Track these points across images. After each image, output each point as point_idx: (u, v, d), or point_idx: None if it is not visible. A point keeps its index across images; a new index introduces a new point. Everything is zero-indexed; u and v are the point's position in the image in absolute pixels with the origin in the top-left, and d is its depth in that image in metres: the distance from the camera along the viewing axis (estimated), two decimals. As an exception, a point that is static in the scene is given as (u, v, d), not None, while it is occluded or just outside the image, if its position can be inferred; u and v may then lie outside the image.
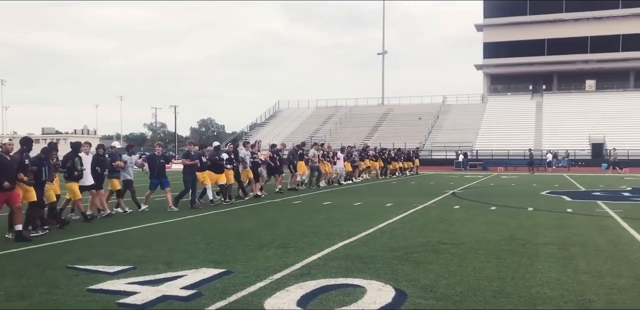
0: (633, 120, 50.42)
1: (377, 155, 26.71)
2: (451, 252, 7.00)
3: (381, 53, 68.13)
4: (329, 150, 20.64)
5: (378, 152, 27.53)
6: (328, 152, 20.52)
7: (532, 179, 26.54)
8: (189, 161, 12.38)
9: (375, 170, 26.52)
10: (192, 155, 12.56)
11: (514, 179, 26.65)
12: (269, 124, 64.79)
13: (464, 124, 56.27)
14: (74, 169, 9.87)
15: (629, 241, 7.84)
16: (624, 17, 57.03)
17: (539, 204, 13.49)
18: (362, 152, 25.34)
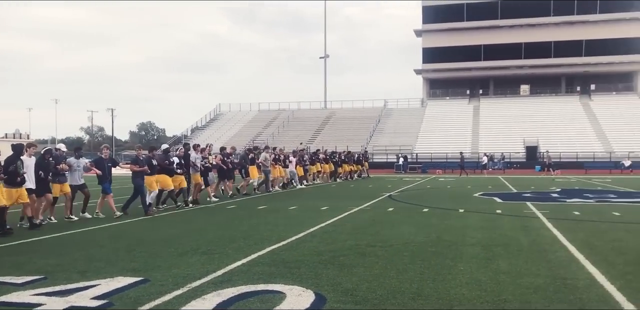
0: (564, 123, 52.63)
1: (327, 159, 26.62)
2: (378, 254, 6.98)
3: (323, 57, 68.45)
4: (280, 154, 20.51)
5: (329, 156, 27.41)
6: (279, 155, 20.38)
7: (467, 181, 27.17)
8: (137, 167, 11.87)
9: (326, 174, 26.37)
10: (141, 161, 12.07)
11: (450, 182, 27.21)
12: (209, 127, 63.94)
13: (404, 128, 57.27)
14: (17, 174, 9.29)
15: (550, 241, 8.04)
16: (556, 24, 59.50)
17: (470, 205, 13.76)
18: (312, 156, 25.15)
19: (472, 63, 61.73)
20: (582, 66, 59.66)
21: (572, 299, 4.84)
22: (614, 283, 5.40)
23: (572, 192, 18.46)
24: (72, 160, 11.20)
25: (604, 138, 49.40)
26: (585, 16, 58.54)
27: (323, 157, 25.97)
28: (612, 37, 57.85)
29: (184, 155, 13.81)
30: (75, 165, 11.19)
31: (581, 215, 11.47)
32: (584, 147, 47.18)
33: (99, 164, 11.60)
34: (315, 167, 24.54)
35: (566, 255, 6.90)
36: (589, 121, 53.15)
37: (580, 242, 7.94)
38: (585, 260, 6.55)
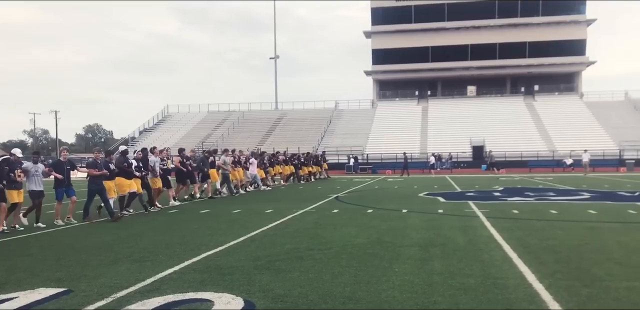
0: (509, 123, 54.00)
1: (287, 161, 26.37)
2: (315, 258, 6.91)
3: (273, 57, 68.17)
4: (239, 156, 20.16)
5: (288, 157, 27.14)
6: (239, 157, 20.03)
7: (414, 181, 27.49)
8: (96, 171, 11.39)
9: (285, 176, 26.10)
10: (99, 164, 11.59)
11: (398, 182, 27.47)
12: (157, 129, 62.68)
13: (355, 129, 57.58)
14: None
15: (486, 241, 8.15)
16: (500, 26, 61.00)
17: (414, 205, 13.88)
18: (271, 158, 24.85)
19: (420, 64, 62.63)
20: (525, 67, 61.39)
21: (500, 298, 4.89)
22: (543, 282, 5.49)
23: (514, 190, 18.90)
24: (30, 165, 10.67)
25: (547, 137, 50.93)
26: (529, 19, 60.26)
27: (282, 159, 25.70)
28: (554, 39, 59.72)
29: (142, 158, 13.40)
30: (33, 171, 10.66)
31: (520, 213, 11.72)
32: (528, 146, 48.51)
33: (58, 167, 11.09)
34: (274, 169, 24.23)
35: (500, 255, 6.99)
36: (533, 121, 54.71)
37: (515, 241, 8.09)
38: (517, 260, 6.66)
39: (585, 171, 33.74)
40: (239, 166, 19.63)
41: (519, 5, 60.38)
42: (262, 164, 22.60)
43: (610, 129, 51.29)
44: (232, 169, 18.73)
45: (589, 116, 54.64)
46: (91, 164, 11.57)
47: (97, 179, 11.47)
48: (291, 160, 26.89)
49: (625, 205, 13.10)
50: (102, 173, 11.52)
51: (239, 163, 19.69)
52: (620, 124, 52.79)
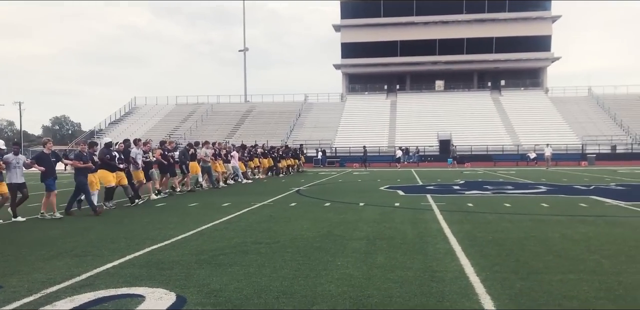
0: (476, 117, 54.70)
1: (266, 154, 26.14)
2: (260, 252, 6.86)
3: (243, 50, 67.61)
4: (220, 148, 19.95)
5: (267, 150, 26.92)
6: (220, 150, 19.82)
7: (378, 175, 27.63)
8: (81, 163, 11.09)
9: (264, 169, 25.79)
10: (85, 156, 11.28)
11: (363, 175, 27.55)
12: (124, 122, 61.74)
13: (324, 122, 57.61)
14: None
15: (435, 233, 8.21)
16: (468, 22, 61.61)
17: (372, 199, 13.93)
18: (250, 150, 24.51)
19: (389, 59, 62.91)
20: (492, 62, 62.14)
21: (434, 291, 4.91)
22: (480, 275, 5.54)
23: (473, 184, 19.12)
24: (10, 156, 10.30)
25: (513, 132, 51.73)
26: (495, 14, 60.97)
27: (261, 152, 25.46)
28: (520, 35, 60.60)
29: (124, 150, 13.09)
30: (15, 162, 10.30)
31: (474, 207, 11.86)
32: (494, 140, 49.23)
33: (43, 159, 10.73)
34: (253, 162, 24.00)
35: (445, 248, 7.04)
36: (499, 115, 55.50)
37: (464, 234, 8.16)
38: (461, 252, 6.72)
39: (547, 165, 34.38)
40: (219, 159, 19.42)
41: (486, 1, 60.99)
42: (244, 157, 22.39)
43: (573, 124, 52.37)
44: (212, 161, 18.53)
45: (554, 111, 55.66)
46: (77, 156, 11.29)
47: (82, 172, 11.22)
48: (270, 153, 26.70)
49: (577, 199, 13.35)
50: (87, 165, 11.25)
51: (219, 155, 19.49)
52: (583, 119, 53.95)
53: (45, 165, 10.63)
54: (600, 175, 24.22)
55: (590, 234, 8.04)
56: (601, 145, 47.68)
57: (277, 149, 28.47)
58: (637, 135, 48.94)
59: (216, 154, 19.15)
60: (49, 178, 10.68)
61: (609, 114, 54.70)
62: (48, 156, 10.82)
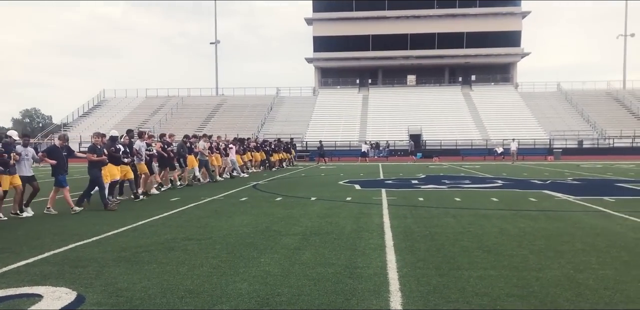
0: (446, 112, 55.03)
1: (258, 147, 25.74)
2: (187, 249, 6.67)
3: (214, 42, 66.92)
4: (218, 142, 19.55)
5: (260, 144, 26.55)
6: (218, 143, 19.42)
7: (344, 169, 27.54)
8: (94, 156, 10.75)
9: (257, 162, 25.37)
10: (99, 149, 10.95)
11: (328, 170, 27.41)
12: (92, 114, 60.73)
13: (296, 116, 57.40)
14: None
15: (374, 228, 8.10)
16: (439, 16, 61.81)
17: (326, 193, 13.80)
18: (243, 144, 23.81)
19: (361, 53, 62.87)
20: (463, 57, 62.50)
21: (347, 289, 4.79)
22: (401, 271, 5.45)
23: (433, 178, 19.12)
24: (20, 148, 9.88)
25: (482, 126, 52.14)
26: (466, 9, 61.30)
27: (254, 146, 25.05)
28: (490, 30, 61.02)
29: (128, 143, 12.64)
30: (24, 154, 9.90)
31: (424, 201, 11.80)
32: (463, 135, 49.57)
33: (54, 153, 10.32)
34: (246, 156, 23.58)
35: (377, 243, 6.93)
36: (469, 110, 55.89)
37: (402, 228, 8.08)
38: (391, 248, 6.62)
39: (513, 159, 34.67)
40: (217, 152, 19.07)
41: (457, -4, 61.36)
42: (242, 150, 22.12)
43: (542, 119, 52.99)
44: (209, 155, 18.17)
45: (523, 106, 56.25)
46: (91, 148, 10.93)
47: (97, 165, 10.90)
48: (262, 147, 26.34)
49: (530, 193, 13.40)
50: (101, 159, 10.97)
51: (217, 149, 19.13)
52: (552, 114, 54.63)
53: (56, 159, 10.29)
54: (562, 170, 24.48)
55: (527, 229, 8.01)
56: (568, 140, 48.35)
57: (269, 143, 28.15)
58: (604, 131, 49.72)
59: (213, 147, 18.80)
60: (60, 173, 10.36)
61: (576, 110, 55.50)
62: (60, 150, 10.47)
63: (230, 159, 20.54)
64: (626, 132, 48.77)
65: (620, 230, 7.85)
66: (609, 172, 22.16)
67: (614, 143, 47.86)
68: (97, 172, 10.90)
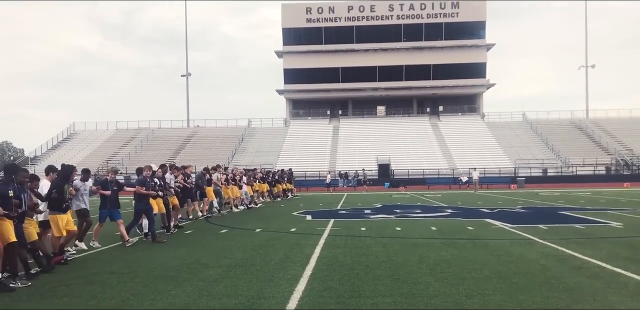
0: (415, 142, 55.90)
1: (264, 178, 25.65)
2: (106, 282, 6.86)
3: (185, 75, 67.47)
4: (235, 173, 19.62)
5: (264, 175, 26.50)
6: (235, 174, 19.50)
7: (307, 199, 27.74)
8: (143, 189, 10.88)
9: (261, 193, 25.04)
10: (148, 182, 11.07)
11: (289, 200, 27.55)
12: (62, 147, 60.28)
13: (267, 147, 57.70)
14: (62, 200, 8.40)
15: (300, 259, 8.33)
16: (407, 49, 63.35)
17: (274, 224, 13.99)
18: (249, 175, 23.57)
19: (331, 85, 63.88)
20: (430, 89, 63.85)
21: (240, 318, 5.01)
22: (302, 300, 5.74)
23: (387, 208, 19.41)
24: (78, 183, 9.87)
25: (449, 156, 52.96)
26: (432, 42, 62.93)
27: (260, 176, 24.93)
28: (456, 62, 62.59)
29: (162, 176, 12.62)
30: (82, 189, 9.90)
31: (365, 231, 12.09)
32: (431, 164, 50.27)
33: (105, 187, 10.53)
34: (254, 186, 23.35)
35: (295, 273, 7.17)
36: (437, 140, 56.82)
37: (328, 258, 8.34)
38: (306, 278, 6.88)
39: (475, 188, 35.30)
40: (233, 183, 19.07)
41: (423, 29, 63.01)
42: (252, 181, 22.14)
43: (507, 148, 54.07)
44: (224, 186, 18.10)
45: (489, 136, 57.40)
46: (140, 181, 11.07)
47: (145, 198, 11.02)
48: (266, 178, 26.22)
49: (470, 222, 13.79)
50: (149, 192, 11.11)
51: (233, 180, 19.13)
52: (517, 143, 55.81)
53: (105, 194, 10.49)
54: (518, 198, 25.05)
55: (447, 257, 8.33)
56: (533, 168, 49.32)
57: (273, 173, 28.09)
58: (567, 159, 50.89)
59: (229, 178, 18.79)
60: (105, 208, 10.51)
61: (541, 139, 56.78)
62: (109, 184, 10.66)
63: (244, 191, 20.51)
64: (588, 160, 49.97)
65: (534, 258, 8.21)
66: (561, 200, 22.77)
67: (576, 171, 48.96)
68: (143, 205, 11.05)
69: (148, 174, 11.34)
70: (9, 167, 7.34)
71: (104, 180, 10.92)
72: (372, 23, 63.37)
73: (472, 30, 63.10)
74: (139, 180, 11.20)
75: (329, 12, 63.61)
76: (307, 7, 64.03)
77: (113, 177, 11.06)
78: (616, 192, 30.03)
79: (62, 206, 8.60)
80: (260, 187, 24.60)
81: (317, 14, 63.72)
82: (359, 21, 63.39)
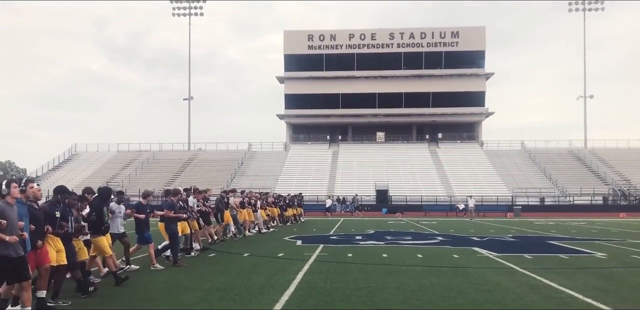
0: (413, 168, 56.11)
1: (275, 202, 25.73)
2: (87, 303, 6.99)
3: (187, 98, 68.24)
4: (250, 197, 19.76)
5: (276, 199, 26.43)
6: (250, 198, 19.63)
7: (302, 224, 27.82)
8: (172, 213, 11.11)
9: (275, 218, 24.96)
10: (176, 206, 11.32)
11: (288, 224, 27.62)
12: (62, 168, 60.63)
13: (266, 171, 57.96)
14: (102, 222, 8.60)
15: (281, 284, 8.49)
16: (406, 77, 64.11)
17: (263, 249, 14.07)
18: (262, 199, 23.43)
19: (331, 110, 64.47)
20: (429, 116, 64.35)
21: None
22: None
23: (378, 234, 19.51)
24: (114, 205, 10.04)
25: (447, 183, 53.11)
26: (432, 70, 63.71)
27: (272, 201, 24.98)
28: (455, 91, 63.25)
29: (185, 199, 12.84)
30: (117, 212, 10.06)
31: (351, 257, 12.23)
32: (429, 190, 50.41)
33: (141, 210, 10.66)
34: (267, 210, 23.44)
35: (272, 299, 7.36)
36: (435, 167, 57.05)
37: (308, 284, 8.51)
38: (282, 303, 7.06)
39: (471, 216, 35.33)
40: (249, 207, 19.18)
41: (423, 57, 63.89)
42: (266, 205, 22.30)
43: (505, 176, 54.23)
44: (239, 210, 18.11)
45: (487, 164, 57.62)
46: (170, 205, 11.28)
47: (174, 221, 11.21)
48: (277, 202, 26.26)
49: (457, 250, 13.92)
50: (178, 215, 11.34)
51: (249, 204, 19.25)
52: (515, 171, 56.00)
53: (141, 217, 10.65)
54: (511, 227, 25.13)
55: (426, 285, 8.49)
56: (530, 197, 49.44)
57: (284, 198, 28.17)
58: (565, 188, 50.99)
59: (245, 202, 18.86)
60: (143, 231, 10.59)
61: (539, 167, 56.98)
62: (145, 207, 10.82)
63: (258, 214, 20.56)
64: (586, 189, 50.06)
65: (510, 287, 8.37)
66: (553, 230, 22.85)
67: (574, 200, 49.05)
68: (175, 228, 11.26)
69: (179, 198, 11.58)
70: (59, 189, 7.54)
71: (138, 204, 11.01)
72: (372, 51, 64.31)
73: (471, 60, 63.93)
74: (168, 204, 11.39)
75: (331, 39, 64.63)
76: (309, 34, 65.11)
77: (147, 200, 11.12)
78: (610, 222, 30.09)
79: (102, 228, 8.77)
80: (272, 211, 24.55)
81: (318, 41, 64.74)
82: (360, 49, 64.34)
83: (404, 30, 64.47)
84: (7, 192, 5.98)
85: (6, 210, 5.88)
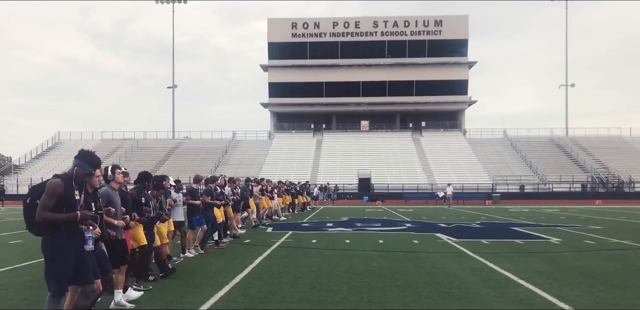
0: (396, 157, 56.67)
1: (288, 190, 26.00)
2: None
3: (171, 87, 68.13)
4: (267, 185, 20.05)
5: (288, 187, 26.42)
6: (267, 186, 19.91)
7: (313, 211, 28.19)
8: (209, 199, 11.36)
9: (286, 206, 25.24)
10: (213, 193, 11.62)
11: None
12: (45, 157, 60.57)
13: (250, 159, 58.25)
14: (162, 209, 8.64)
15: (236, 268, 8.90)
16: (390, 65, 64.43)
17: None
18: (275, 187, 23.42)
19: (315, 99, 64.71)
20: (413, 105, 64.80)
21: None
22: (215, 305, 6.26)
23: (350, 222, 19.86)
24: (174, 194, 10.15)
25: (429, 171, 53.72)
26: (415, 59, 64.05)
27: (285, 189, 25.18)
28: (439, 79, 63.70)
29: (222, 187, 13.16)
30: (178, 200, 10.23)
31: (315, 243, 12.66)
32: (410, 179, 51.01)
33: (194, 195, 10.86)
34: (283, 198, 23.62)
35: (223, 281, 7.74)
36: (418, 155, 57.63)
37: (263, 268, 8.96)
38: (231, 285, 7.46)
39: (449, 203, 35.94)
40: (267, 194, 19.54)
41: (407, 46, 64.14)
42: (282, 193, 22.54)
43: (487, 164, 54.92)
44: (260, 198, 18.36)
45: (470, 152, 58.26)
46: (207, 191, 11.54)
47: (210, 208, 11.45)
48: (289, 190, 26.47)
49: (420, 236, 14.39)
50: (213, 202, 11.56)
51: (267, 191, 19.56)
52: (497, 159, 56.72)
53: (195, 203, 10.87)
54: (483, 214, 25.70)
55: (374, 268, 8.91)
56: (510, 184, 50.19)
57: (294, 186, 28.43)
58: (544, 176, 51.79)
59: (263, 189, 19.11)
60: (195, 214, 10.81)
61: (520, 155, 57.73)
62: (197, 192, 11.00)
63: (274, 203, 20.90)
64: (565, 177, 50.92)
65: (453, 270, 8.81)
66: (523, 217, 23.41)
67: (553, 188, 49.90)
68: (212, 214, 11.55)
69: (216, 184, 12.04)
70: (143, 176, 7.78)
71: (191, 190, 11.09)
72: (356, 39, 64.45)
73: (454, 48, 64.28)
74: (205, 190, 11.68)
75: (314, 27, 64.68)
76: (292, 22, 65.10)
77: (198, 185, 11.34)
78: (583, 209, 30.77)
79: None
80: (284, 199, 24.71)
81: (302, 29, 64.76)
82: (344, 37, 64.46)
83: (387, 19, 64.64)
84: (112, 178, 6.26)
85: (112, 196, 6.18)
